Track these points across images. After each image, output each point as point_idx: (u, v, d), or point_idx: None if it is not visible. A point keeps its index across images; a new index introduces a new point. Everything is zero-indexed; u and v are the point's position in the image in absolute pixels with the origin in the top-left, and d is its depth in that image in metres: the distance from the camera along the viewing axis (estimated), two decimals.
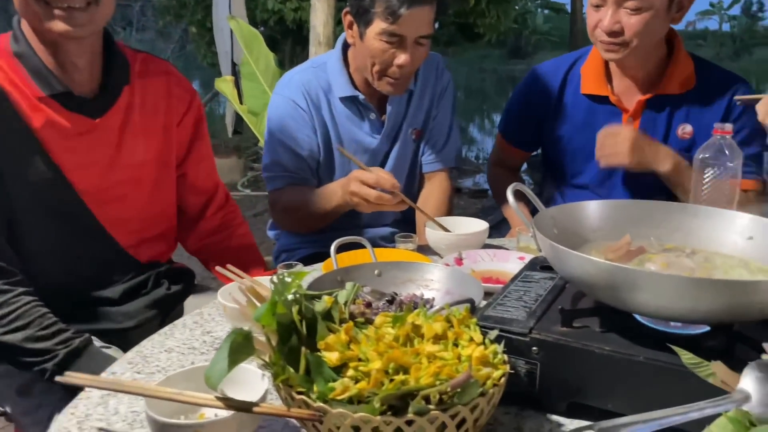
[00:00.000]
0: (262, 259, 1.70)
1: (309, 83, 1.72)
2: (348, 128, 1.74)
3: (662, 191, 1.69)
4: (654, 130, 1.67)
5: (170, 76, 1.50)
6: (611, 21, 1.53)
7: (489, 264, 1.38)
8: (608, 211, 1.06)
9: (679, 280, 0.75)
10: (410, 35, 1.54)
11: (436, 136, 1.84)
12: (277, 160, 1.73)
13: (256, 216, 5.14)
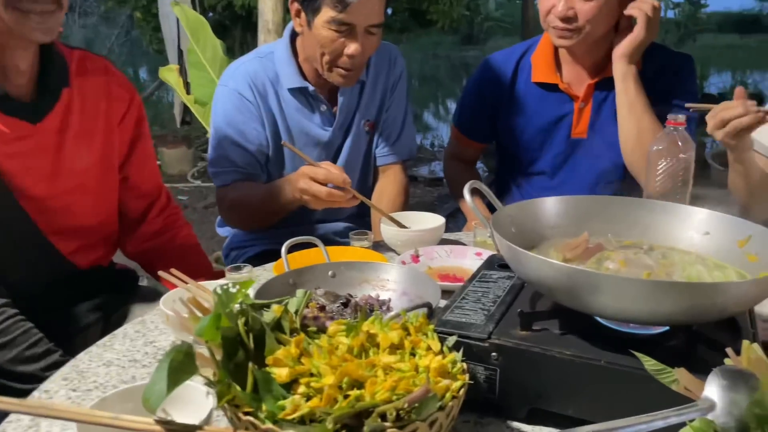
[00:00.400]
0: (208, 262, 1.63)
1: (255, 74, 1.64)
2: (297, 121, 1.68)
3: (615, 175, 1.73)
4: (605, 111, 1.69)
5: (109, 75, 1.42)
6: (565, 6, 1.52)
7: (446, 260, 1.35)
8: (565, 207, 1.03)
9: (640, 283, 0.73)
10: (360, 24, 1.48)
11: (390, 128, 1.79)
12: (224, 155, 1.65)
13: (207, 208, 5.01)
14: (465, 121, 1.90)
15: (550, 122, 1.73)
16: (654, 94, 1.64)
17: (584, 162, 1.74)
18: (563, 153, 1.74)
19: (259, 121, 1.64)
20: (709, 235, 0.95)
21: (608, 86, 1.67)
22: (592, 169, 1.73)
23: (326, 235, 1.81)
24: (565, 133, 1.73)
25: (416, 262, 1.33)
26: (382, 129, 1.78)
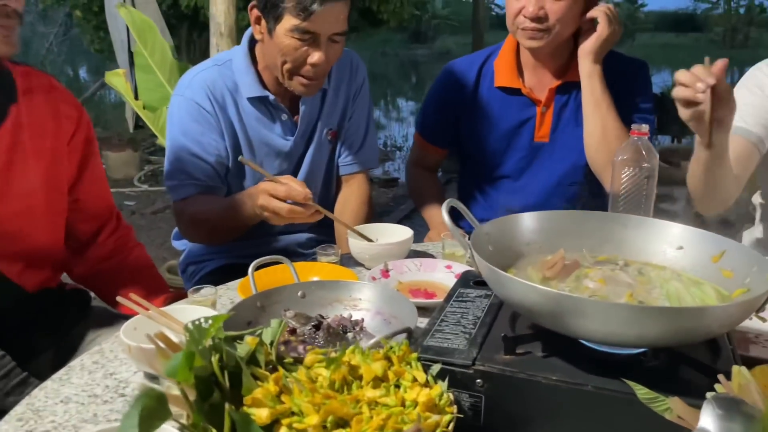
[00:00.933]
0: (163, 282, 1.55)
1: (213, 83, 1.57)
2: (258, 131, 1.62)
3: (577, 176, 1.77)
4: (566, 115, 1.73)
5: (56, 93, 1.34)
6: (536, 6, 1.55)
7: (416, 274, 1.33)
8: (540, 223, 1.02)
9: (628, 309, 0.72)
10: (324, 32, 1.44)
11: (353, 136, 1.76)
12: (182, 168, 1.58)
13: (156, 214, 4.86)
14: (428, 128, 1.90)
15: (513, 127, 1.75)
16: (614, 95, 1.66)
17: (547, 165, 1.76)
18: (526, 157, 1.77)
19: (217, 132, 1.58)
20: (682, 249, 0.96)
21: (569, 90, 1.71)
22: (555, 171, 1.76)
23: (289, 246, 1.77)
24: (528, 137, 1.75)
25: (386, 277, 1.30)
26: (344, 138, 1.75)
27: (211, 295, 1.17)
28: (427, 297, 1.23)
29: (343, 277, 1.29)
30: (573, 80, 1.69)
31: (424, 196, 1.92)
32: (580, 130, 1.69)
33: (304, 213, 1.35)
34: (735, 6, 25.16)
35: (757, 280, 0.83)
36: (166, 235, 4.38)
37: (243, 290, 1.23)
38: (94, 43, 6.74)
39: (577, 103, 1.71)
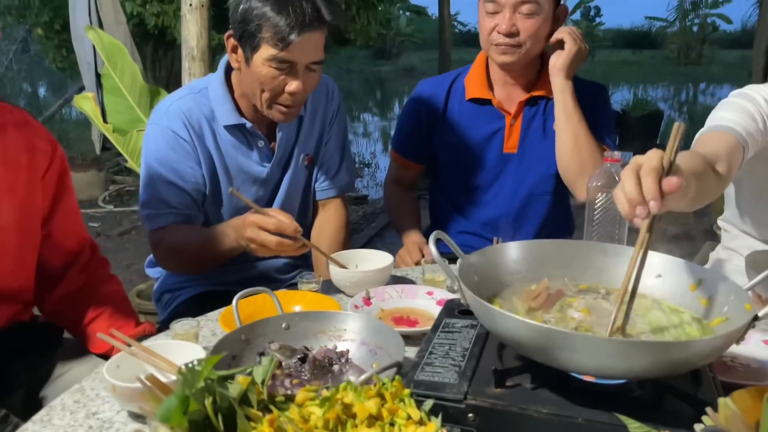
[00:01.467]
0: (136, 316, 1.50)
1: (190, 111, 1.56)
2: (235, 158, 1.61)
3: (545, 187, 1.84)
4: (534, 127, 1.81)
5: (30, 128, 1.31)
6: (509, 23, 1.64)
7: (398, 302, 1.33)
8: (523, 252, 1.04)
9: (618, 344, 0.74)
10: (301, 62, 1.44)
11: (329, 161, 1.76)
12: (158, 196, 1.56)
13: (122, 235, 4.76)
14: (403, 144, 1.97)
15: (483, 138, 1.83)
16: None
17: (516, 175, 1.84)
18: (496, 167, 1.84)
19: (194, 160, 1.57)
20: (661, 277, 0.99)
21: (536, 103, 1.80)
22: (523, 181, 1.84)
23: (267, 273, 1.76)
24: (497, 147, 1.83)
25: (368, 304, 1.30)
26: (321, 163, 1.75)
27: (192, 328, 1.15)
28: (410, 325, 1.24)
29: (326, 306, 1.29)
30: (540, 94, 1.78)
31: (400, 213, 1.97)
32: (547, 142, 1.78)
33: (293, 246, 1.34)
34: (689, 24, 26.02)
35: (735, 309, 0.86)
36: (132, 257, 4.30)
37: (225, 322, 1.22)
38: (57, 62, 6.62)
39: (544, 116, 1.80)
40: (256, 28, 1.40)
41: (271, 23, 1.38)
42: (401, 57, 30.97)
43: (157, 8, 5.28)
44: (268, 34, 1.39)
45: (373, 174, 7.62)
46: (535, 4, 1.64)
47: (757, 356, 1.08)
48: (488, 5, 1.67)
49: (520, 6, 1.64)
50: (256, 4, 1.40)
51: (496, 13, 1.67)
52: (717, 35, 31.59)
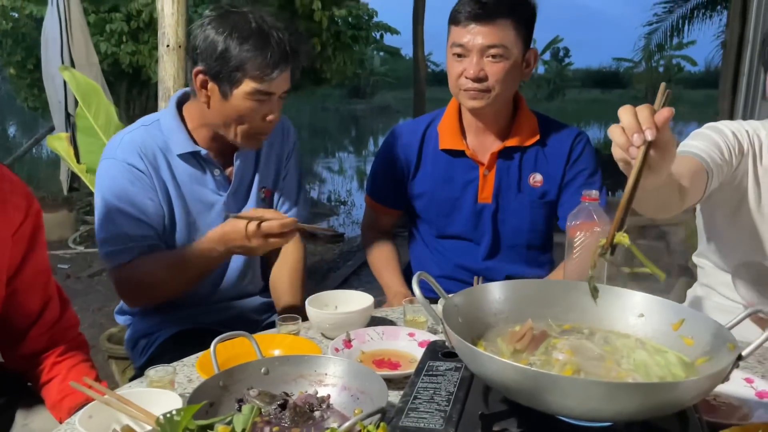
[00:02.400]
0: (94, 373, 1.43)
1: (143, 142, 1.57)
2: (191, 187, 1.62)
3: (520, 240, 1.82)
4: (508, 179, 1.79)
5: (4, 182, 1.26)
6: (477, 68, 1.63)
7: (379, 343, 1.31)
8: (506, 293, 1.04)
9: (606, 387, 0.73)
10: (278, 92, 1.53)
11: (287, 195, 1.79)
12: (119, 232, 1.54)
13: (93, 277, 4.66)
14: (378, 190, 1.94)
15: (458, 188, 1.81)
16: (553, 166, 1.77)
17: (491, 226, 1.82)
18: (472, 217, 1.82)
19: (152, 192, 1.57)
20: (643, 317, 0.99)
21: (510, 155, 1.78)
22: (498, 233, 1.82)
23: (244, 313, 1.73)
24: (472, 198, 1.81)
25: (349, 347, 1.28)
26: (279, 196, 1.78)
27: (168, 375, 1.12)
28: (392, 368, 1.22)
29: (306, 349, 1.27)
30: (514, 144, 1.76)
31: (380, 263, 1.93)
32: (522, 196, 1.77)
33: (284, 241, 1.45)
34: (654, 65, 26.91)
35: (718, 348, 0.86)
36: (104, 299, 4.20)
37: (202, 367, 1.18)
38: (28, 101, 6.56)
39: (518, 168, 1.78)
40: (238, 66, 1.47)
41: (254, 62, 1.47)
42: (376, 96, 31.43)
43: (132, 47, 5.30)
44: (253, 71, 1.47)
45: (348, 212, 7.62)
46: (502, 47, 1.63)
47: (739, 395, 1.08)
48: (455, 49, 1.66)
49: (487, 50, 1.63)
50: (233, 43, 1.47)
51: (463, 57, 1.65)
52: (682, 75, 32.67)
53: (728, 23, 5.14)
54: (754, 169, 1.46)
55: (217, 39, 1.47)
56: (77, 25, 3.53)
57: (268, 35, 1.48)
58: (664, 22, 14.03)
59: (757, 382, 1.10)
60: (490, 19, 1.61)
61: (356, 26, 7.79)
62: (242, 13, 1.51)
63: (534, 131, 1.79)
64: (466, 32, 1.63)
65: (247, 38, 1.46)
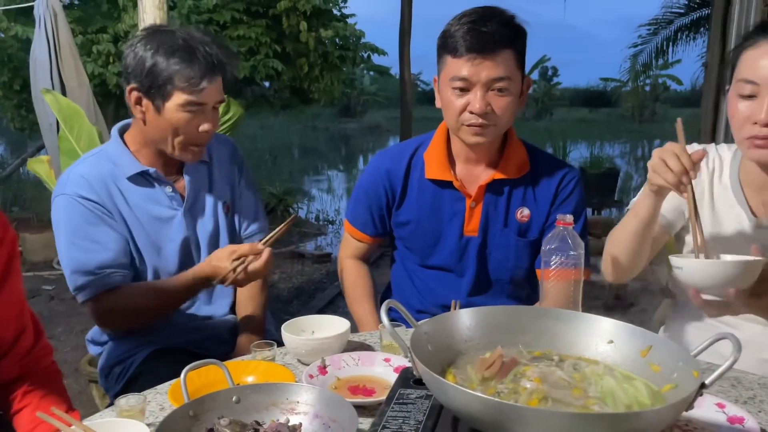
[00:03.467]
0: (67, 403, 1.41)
1: (91, 173, 1.61)
2: (144, 207, 1.65)
3: (506, 274, 1.77)
4: (495, 213, 1.72)
5: None
6: (483, 103, 1.55)
7: (354, 369, 1.30)
8: (477, 319, 1.04)
9: (570, 417, 0.73)
10: (211, 102, 1.59)
11: (248, 211, 1.84)
12: (83, 267, 1.55)
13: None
14: (359, 217, 1.86)
15: (443, 219, 1.74)
16: (540, 204, 1.72)
17: (477, 260, 1.74)
18: (457, 250, 1.74)
19: (109, 220, 1.60)
20: (612, 343, 0.99)
21: (499, 189, 1.71)
22: (484, 267, 1.75)
23: (219, 334, 1.74)
24: (457, 229, 1.74)
25: (324, 374, 1.27)
26: (241, 211, 1.83)
27: (138, 404, 1.11)
28: (367, 394, 1.21)
29: (280, 376, 1.26)
30: (502, 177, 1.69)
31: (355, 292, 1.87)
32: (508, 231, 1.71)
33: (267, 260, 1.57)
34: (641, 84, 27.22)
35: (684, 375, 0.86)
36: (87, 321, 4.12)
37: (174, 396, 1.17)
38: (15, 121, 6.55)
39: (506, 202, 1.71)
40: (167, 79, 1.53)
41: (182, 74, 1.53)
42: (366, 115, 31.58)
43: (118, 68, 5.30)
44: (182, 83, 1.54)
45: (336, 231, 7.61)
46: (507, 80, 1.54)
47: (710, 420, 1.08)
48: (457, 83, 1.55)
49: (492, 84, 1.54)
50: (160, 58, 1.54)
51: (465, 91, 1.56)
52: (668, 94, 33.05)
53: (709, 45, 5.22)
54: (710, 187, 1.51)
55: (145, 56, 1.54)
56: (66, 47, 3.54)
57: (193, 48, 1.54)
58: (649, 44, 14.23)
59: (728, 407, 1.10)
60: (494, 51, 1.52)
61: (343, 47, 7.86)
62: (169, 31, 1.59)
63: (524, 164, 1.72)
64: (469, 64, 1.53)
65: (174, 52, 1.53)
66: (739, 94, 1.31)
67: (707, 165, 1.51)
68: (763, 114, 1.26)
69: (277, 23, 6.70)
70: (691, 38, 13.18)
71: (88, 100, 3.25)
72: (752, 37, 1.31)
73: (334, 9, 8.41)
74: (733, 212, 1.46)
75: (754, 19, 4.24)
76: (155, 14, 2.32)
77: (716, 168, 1.51)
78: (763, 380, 1.30)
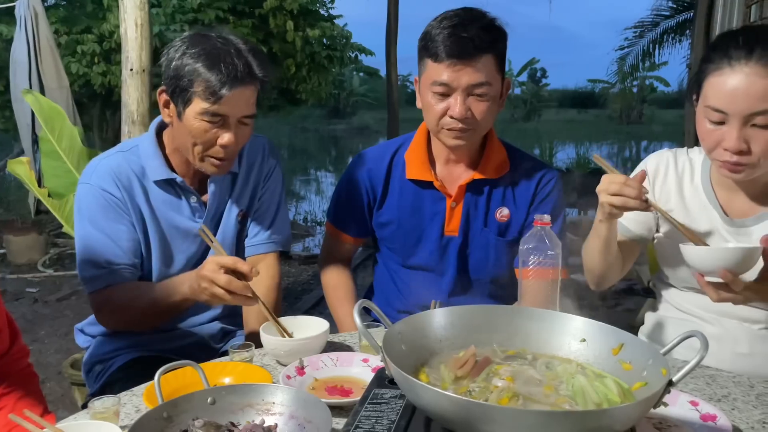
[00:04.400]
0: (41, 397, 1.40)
1: (119, 168, 1.57)
2: (166, 214, 1.61)
3: (486, 274, 1.77)
4: (475, 213, 1.73)
5: None
6: (463, 108, 1.55)
7: (332, 370, 1.30)
8: (451, 319, 1.04)
9: (536, 415, 0.74)
10: (233, 115, 1.48)
11: (263, 215, 1.75)
12: (95, 258, 1.53)
13: (61, 301, 4.58)
14: (340, 217, 1.85)
15: (425, 218, 1.74)
16: (519, 204, 1.73)
17: (457, 259, 1.75)
18: (438, 249, 1.75)
19: (126, 218, 1.57)
20: (585, 342, 1.00)
21: (479, 188, 1.71)
22: (465, 266, 1.76)
23: (202, 340, 1.71)
24: (438, 230, 1.74)
25: (302, 374, 1.27)
26: (254, 218, 1.74)
27: (113, 406, 1.10)
28: (344, 394, 1.21)
29: (257, 377, 1.26)
30: (483, 177, 1.69)
31: (336, 294, 1.86)
32: (488, 231, 1.72)
33: (241, 289, 1.37)
34: (628, 85, 27.41)
35: (653, 373, 0.87)
36: (71, 323, 4.09)
37: (149, 398, 1.17)
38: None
39: (486, 202, 1.72)
40: (188, 83, 1.44)
41: (202, 78, 1.43)
42: (355, 116, 31.58)
43: (103, 68, 5.27)
44: (200, 88, 1.44)
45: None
46: (487, 85, 1.55)
47: (684, 418, 1.09)
48: (437, 88, 1.55)
49: (473, 89, 1.54)
50: (188, 60, 1.45)
51: (446, 96, 1.56)
52: (655, 96, 33.32)
53: (692, 47, 5.27)
54: (680, 189, 1.54)
55: (173, 56, 1.47)
56: (47, 48, 3.51)
57: (221, 54, 1.44)
58: (635, 46, 14.35)
59: (702, 405, 1.12)
60: (474, 57, 1.52)
61: (331, 47, 7.85)
62: (206, 36, 1.50)
63: (504, 164, 1.72)
64: (449, 70, 1.53)
65: (199, 57, 1.44)
66: (707, 119, 1.34)
67: (676, 169, 1.56)
68: (733, 143, 1.29)
69: (263, 23, 6.69)
70: (677, 40, 13.31)
71: (67, 101, 3.23)
72: (715, 60, 1.32)
73: (321, 9, 8.41)
74: (706, 212, 1.48)
75: (736, 21, 4.29)
76: (136, 14, 2.31)
77: (686, 171, 1.55)
78: (737, 378, 1.32)
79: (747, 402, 1.20)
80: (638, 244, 1.62)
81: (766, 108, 1.26)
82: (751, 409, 1.18)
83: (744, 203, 1.46)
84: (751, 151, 1.30)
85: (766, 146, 1.29)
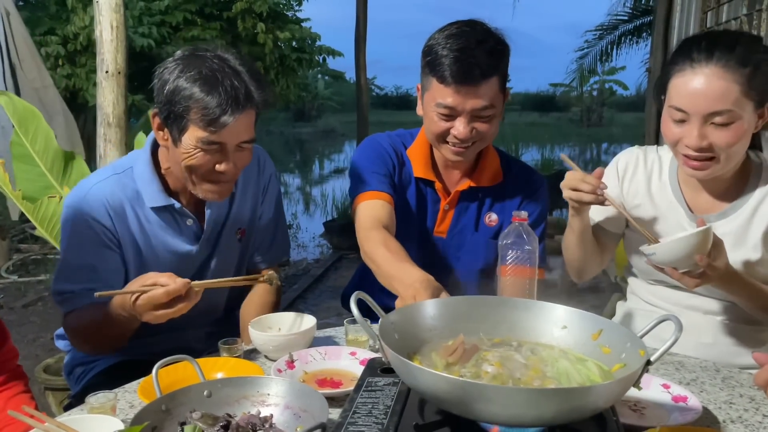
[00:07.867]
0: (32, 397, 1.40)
1: (112, 195, 1.50)
2: (161, 239, 1.56)
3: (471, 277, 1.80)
4: (466, 218, 1.78)
5: None
6: (468, 130, 1.57)
7: (321, 363, 1.34)
8: (440, 309, 1.09)
9: (526, 392, 0.79)
10: (231, 142, 1.40)
11: (264, 233, 1.74)
12: (70, 281, 1.50)
13: (27, 307, 4.49)
14: (373, 179, 1.70)
15: (420, 216, 1.78)
16: (507, 207, 1.77)
17: (444, 260, 1.79)
18: (427, 248, 1.78)
19: (116, 247, 1.52)
20: (566, 329, 1.06)
21: (474, 195, 1.76)
22: (450, 268, 1.79)
23: (188, 344, 1.70)
24: (429, 229, 1.78)
25: (292, 368, 1.31)
26: (255, 236, 1.72)
27: (109, 401, 1.12)
28: (334, 386, 1.25)
29: (249, 371, 1.29)
30: (477, 185, 1.73)
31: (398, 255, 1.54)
32: (477, 236, 1.76)
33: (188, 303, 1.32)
34: (588, 89, 27.99)
35: (632, 355, 0.94)
36: (38, 330, 4.06)
37: (144, 392, 1.19)
38: None
39: (477, 208, 1.76)
40: (184, 109, 1.36)
41: (200, 105, 1.34)
42: (320, 119, 31.53)
43: (68, 71, 5.19)
44: (197, 116, 1.35)
45: (294, 235, 7.59)
46: (491, 108, 1.56)
47: (657, 400, 1.16)
48: (442, 110, 1.56)
49: (478, 112, 1.55)
50: (184, 84, 1.36)
51: (451, 117, 1.57)
52: (615, 99, 34.08)
53: (652, 51, 5.45)
54: (649, 185, 1.62)
55: (168, 79, 1.37)
56: (23, 48, 3.43)
57: (219, 79, 1.35)
58: (594, 48, 14.72)
59: (673, 388, 1.19)
60: (479, 82, 1.52)
61: (300, 49, 7.85)
62: (201, 56, 1.40)
63: (497, 173, 1.76)
64: (455, 93, 1.53)
65: (196, 80, 1.35)
66: (671, 118, 1.42)
67: (645, 166, 1.65)
68: (693, 140, 1.38)
69: (232, 26, 6.66)
70: (635, 42, 13.69)
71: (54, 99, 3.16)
72: (679, 63, 1.40)
73: (288, 12, 8.41)
74: (672, 208, 1.57)
75: (693, 26, 4.45)
76: (111, 16, 2.30)
77: (655, 168, 1.64)
78: (704, 363, 1.40)
79: (714, 385, 1.29)
80: (611, 239, 1.71)
81: (723, 108, 1.35)
82: (718, 391, 1.26)
83: (707, 200, 1.55)
84: (712, 148, 1.39)
85: (724, 144, 1.38)
